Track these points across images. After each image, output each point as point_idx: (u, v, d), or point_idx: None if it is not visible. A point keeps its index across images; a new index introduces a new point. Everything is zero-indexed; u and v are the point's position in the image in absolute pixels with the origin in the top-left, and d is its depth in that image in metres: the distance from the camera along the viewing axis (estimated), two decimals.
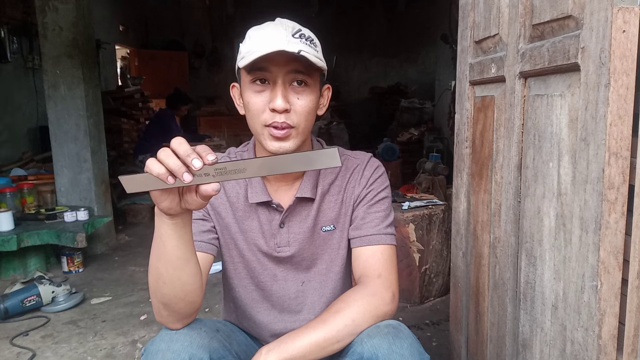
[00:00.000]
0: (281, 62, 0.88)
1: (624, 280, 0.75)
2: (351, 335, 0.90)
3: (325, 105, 1.04)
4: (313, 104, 0.94)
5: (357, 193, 1.04)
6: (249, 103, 0.93)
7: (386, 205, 1.04)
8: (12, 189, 3.16)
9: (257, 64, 0.88)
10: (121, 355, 2.05)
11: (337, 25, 7.80)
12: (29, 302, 2.41)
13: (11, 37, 4.22)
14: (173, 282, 0.83)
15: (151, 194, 0.72)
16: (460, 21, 1.38)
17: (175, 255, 0.81)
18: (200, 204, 0.73)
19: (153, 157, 0.69)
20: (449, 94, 5.16)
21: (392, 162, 5.07)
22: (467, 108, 1.34)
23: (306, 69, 0.90)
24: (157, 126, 5.04)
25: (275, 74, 0.89)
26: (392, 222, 1.04)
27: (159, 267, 0.83)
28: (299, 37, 0.89)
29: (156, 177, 0.68)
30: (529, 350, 0.99)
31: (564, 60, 0.82)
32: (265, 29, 0.92)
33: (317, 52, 0.91)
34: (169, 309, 0.87)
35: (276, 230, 1.04)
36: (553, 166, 0.88)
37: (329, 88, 1.03)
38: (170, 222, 0.77)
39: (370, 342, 0.86)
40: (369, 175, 1.04)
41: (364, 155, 1.08)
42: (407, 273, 2.50)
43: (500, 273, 1.13)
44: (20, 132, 4.44)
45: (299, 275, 1.07)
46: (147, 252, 3.02)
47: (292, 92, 0.91)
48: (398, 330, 0.88)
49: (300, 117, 0.92)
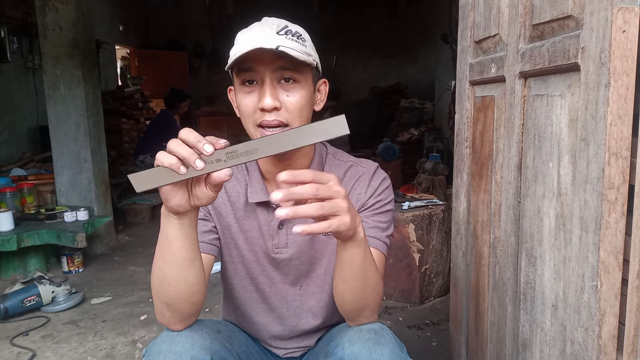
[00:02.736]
0: (266, 60, 0.87)
1: (624, 280, 0.75)
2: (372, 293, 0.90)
3: (323, 100, 1.02)
4: (305, 100, 0.92)
5: (363, 202, 1.02)
6: (240, 105, 0.93)
7: (389, 217, 1.03)
8: (12, 189, 3.16)
9: (243, 64, 0.88)
10: (121, 355, 2.05)
11: (337, 25, 7.80)
12: (29, 302, 2.41)
13: (11, 37, 4.22)
14: (178, 283, 0.83)
15: (161, 191, 0.72)
16: (460, 21, 1.38)
17: (181, 256, 0.81)
18: (210, 197, 0.73)
19: (162, 151, 0.69)
20: (449, 94, 5.17)
21: (392, 162, 5.08)
22: (467, 108, 1.34)
23: (293, 65, 0.88)
24: (158, 127, 5.05)
25: (262, 73, 0.88)
26: (389, 235, 1.03)
27: (164, 268, 0.83)
28: (284, 34, 0.88)
29: (168, 167, 0.68)
30: (529, 350, 0.99)
31: (564, 60, 0.82)
32: (251, 30, 0.91)
33: (304, 47, 0.90)
34: (172, 310, 0.87)
35: (275, 231, 1.03)
36: (553, 166, 0.88)
37: (325, 82, 1.02)
38: (177, 221, 0.77)
39: (351, 349, 0.86)
40: (377, 186, 1.03)
41: (370, 164, 1.06)
42: (407, 273, 2.50)
43: (500, 273, 1.13)
44: (20, 132, 4.44)
45: (297, 280, 1.06)
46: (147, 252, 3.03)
47: (282, 89, 0.90)
48: (380, 335, 0.88)
49: (292, 114, 0.91)
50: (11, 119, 4.30)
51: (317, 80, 0.98)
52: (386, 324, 2.25)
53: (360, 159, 1.09)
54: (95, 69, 3.52)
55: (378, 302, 0.93)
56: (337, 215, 0.70)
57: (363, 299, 0.89)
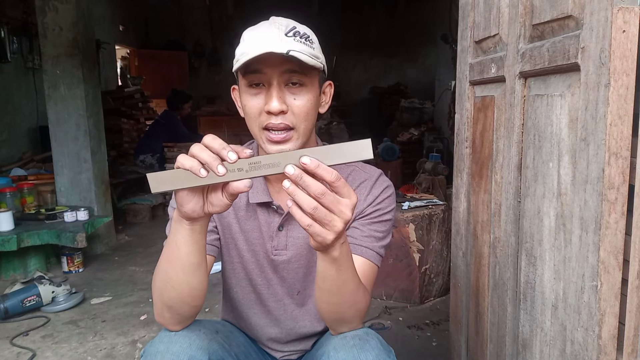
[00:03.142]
0: (274, 63, 0.85)
1: (624, 280, 0.75)
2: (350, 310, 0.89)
3: (328, 102, 1.00)
4: (311, 104, 0.90)
5: (362, 209, 0.99)
6: (245, 106, 0.91)
7: (387, 227, 1.01)
8: (12, 189, 3.16)
9: (250, 66, 0.86)
10: (121, 355, 2.05)
11: (337, 25, 7.79)
12: (29, 302, 2.41)
13: (11, 37, 4.22)
14: (181, 287, 0.83)
15: (177, 195, 0.72)
16: (460, 21, 1.38)
17: (188, 261, 0.81)
18: (225, 205, 0.72)
19: (183, 153, 0.69)
20: (449, 94, 5.16)
21: (392, 162, 5.07)
22: (467, 108, 1.34)
23: (301, 68, 0.87)
24: (162, 128, 5.03)
25: (269, 76, 0.87)
26: (386, 245, 1.01)
27: (169, 272, 0.83)
28: (292, 35, 0.86)
29: (188, 170, 0.67)
30: (529, 350, 0.99)
31: (564, 60, 0.82)
32: (258, 29, 0.90)
33: (312, 50, 0.88)
34: (173, 311, 0.87)
35: (274, 233, 1.03)
36: (553, 166, 0.88)
37: (330, 84, 1.00)
38: (189, 227, 0.77)
39: (336, 356, 0.86)
40: (377, 194, 1.01)
41: (373, 171, 1.04)
42: (407, 273, 2.50)
43: (500, 273, 1.13)
44: (20, 132, 4.44)
45: (294, 284, 1.06)
46: (147, 252, 3.02)
47: (289, 92, 0.88)
48: (364, 341, 0.87)
49: (299, 117, 0.89)
50: (11, 119, 4.30)
51: (323, 82, 0.96)
52: (386, 324, 2.26)
53: (364, 164, 1.05)
54: (95, 69, 3.52)
55: (358, 316, 0.92)
56: (324, 225, 0.68)
57: (339, 313, 0.89)
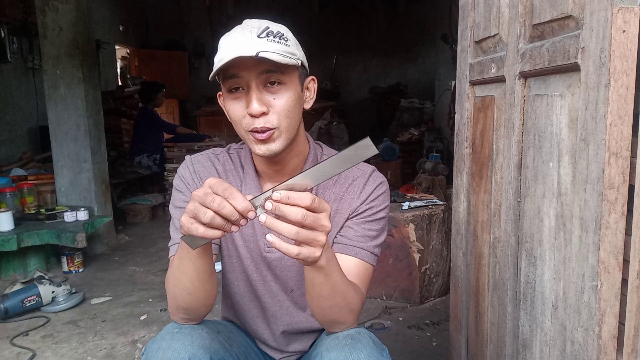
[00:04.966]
0: (249, 65, 0.86)
1: (624, 280, 0.75)
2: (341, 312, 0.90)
3: (313, 97, 1.00)
4: (292, 101, 0.91)
5: (355, 207, 1.00)
6: (229, 111, 0.93)
7: (381, 225, 1.01)
8: (12, 189, 3.16)
9: (227, 71, 0.88)
10: (121, 355, 2.05)
11: (337, 25, 7.79)
12: (29, 302, 2.41)
13: (11, 37, 4.22)
14: (197, 292, 0.88)
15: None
16: (460, 21, 1.38)
17: (203, 269, 0.85)
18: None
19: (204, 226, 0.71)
20: (449, 94, 5.16)
21: (392, 162, 5.07)
22: (467, 108, 1.34)
23: (277, 68, 0.87)
24: (143, 126, 4.98)
25: (246, 79, 0.87)
26: (381, 244, 1.01)
27: (184, 281, 0.87)
28: (265, 36, 0.87)
29: (218, 237, 0.71)
30: (529, 350, 0.99)
31: (564, 60, 0.82)
32: (232, 35, 0.90)
33: (287, 47, 0.88)
34: (189, 313, 0.93)
35: (267, 230, 1.03)
36: (553, 166, 0.88)
37: (313, 79, 1.00)
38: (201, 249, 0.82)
39: (328, 357, 0.87)
40: (371, 191, 1.00)
41: (366, 167, 1.03)
42: (407, 273, 2.50)
43: (500, 273, 1.13)
44: (20, 132, 4.44)
45: (288, 281, 1.06)
46: (147, 252, 3.02)
47: (268, 93, 0.89)
48: (356, 340, 0.88)
49: (280, 116, 0.90)
50: (11, 119, 4.30)
51: (304, 78, 0.96)
52: (386, 324, 2.26)
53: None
54: (95, 69, 3.52)
55: (352, 316, 0.92)
56: (310, 245, 0.71)
57: (331, 315, 0.90)
